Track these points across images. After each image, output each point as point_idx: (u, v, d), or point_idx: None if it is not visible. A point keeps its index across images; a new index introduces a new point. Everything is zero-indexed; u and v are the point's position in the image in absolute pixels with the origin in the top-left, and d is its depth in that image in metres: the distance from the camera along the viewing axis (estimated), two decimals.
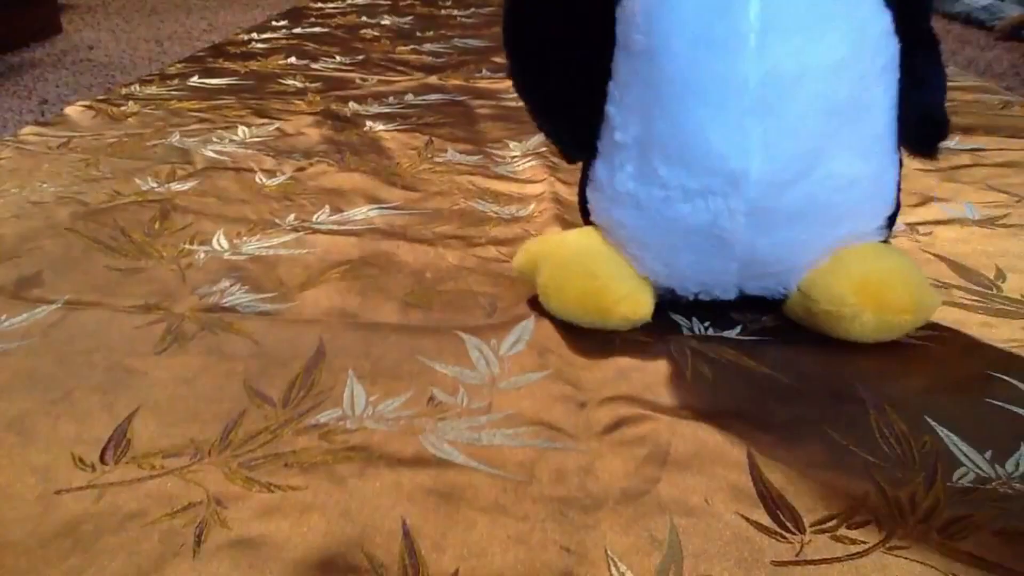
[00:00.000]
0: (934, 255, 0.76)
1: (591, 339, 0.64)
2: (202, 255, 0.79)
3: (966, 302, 0.68)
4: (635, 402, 0.56)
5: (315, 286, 0.73)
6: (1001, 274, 0.72)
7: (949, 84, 0.66)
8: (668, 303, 0.65)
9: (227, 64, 1.58)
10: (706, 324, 0.66)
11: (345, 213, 0.88)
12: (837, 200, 0.59)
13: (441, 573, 0.43)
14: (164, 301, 0.70)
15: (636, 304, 0.63)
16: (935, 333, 0.63)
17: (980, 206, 0.86)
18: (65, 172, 1.00)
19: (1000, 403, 0.56)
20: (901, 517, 0.46)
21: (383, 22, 2.02)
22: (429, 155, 1.06)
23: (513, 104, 1.21)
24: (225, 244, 0.81)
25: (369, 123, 1.19)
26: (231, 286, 0.73)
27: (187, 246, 0.81)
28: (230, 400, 0.57)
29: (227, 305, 0.70)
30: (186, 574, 0.43)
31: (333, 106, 1.28)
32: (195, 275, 0.75)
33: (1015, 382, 0.58)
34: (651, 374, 0.60)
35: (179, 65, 1.58)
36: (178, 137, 1.13)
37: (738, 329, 0.65)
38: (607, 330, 0.64)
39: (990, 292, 0.70)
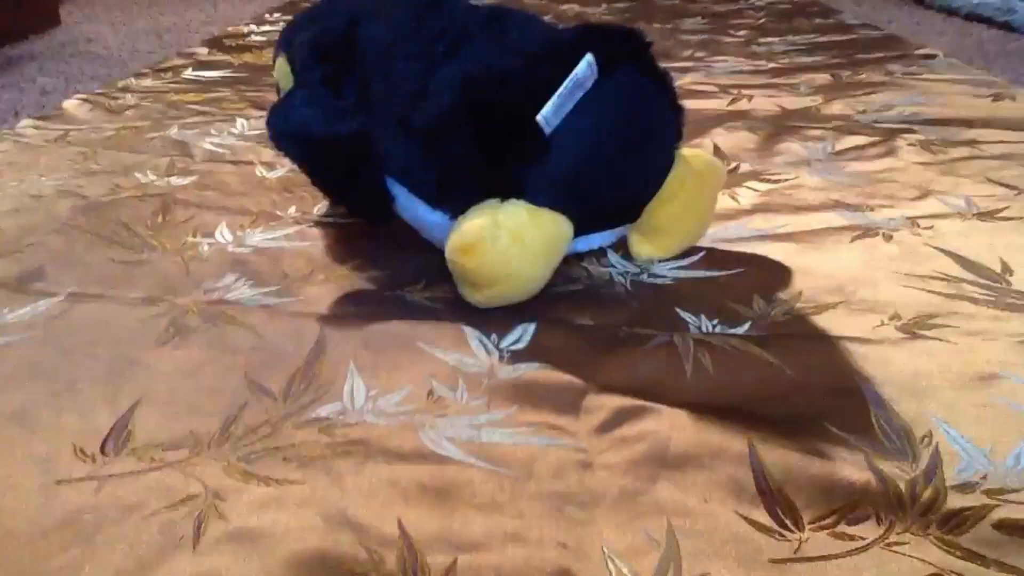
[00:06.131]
0: (937, 249, 0.76)
1: (592, 335, 0.64)
2: (206, 247, 0.79)
3: (976, 296, 0.68)
4: (635, 398, 0.56)
5: (318, 278, 0.73)
6: (1007, 268, 0.72)
7: (948, 77, 0.66)
8: None
9: (225, 56, 1.58)
10: (714, 322, 0.65)
11: None
12: None
13: (438, 570, 0.43)
14: (167, 294, 0.70)
15: None
16: (942, 326, 0.63)
17: (979, 199, 0.86)
18: (64, 165, 1.00)
19: (1001, 397, 0.56)
20: (901, 512, 0.46)
21: None
22: None
23: None
24: (229, 236, 0.81)
25: None
26: (236, 281, 0.73)
27: (190, 239, 0.81)
28: (231, 393, 0.57)
29: (231, 299, 0.70)
30: (186, 566, 0.43)
31: None
32: (200, 268, 0.75)
33: (1017, 376, 0.58)
34: (652, 370, 0.59)
35: (177, 58, 1.57)
36: (176, 130, 1.13)
37: (746, 326, 0.64)
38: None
39: (1000, 286, 0.69)
